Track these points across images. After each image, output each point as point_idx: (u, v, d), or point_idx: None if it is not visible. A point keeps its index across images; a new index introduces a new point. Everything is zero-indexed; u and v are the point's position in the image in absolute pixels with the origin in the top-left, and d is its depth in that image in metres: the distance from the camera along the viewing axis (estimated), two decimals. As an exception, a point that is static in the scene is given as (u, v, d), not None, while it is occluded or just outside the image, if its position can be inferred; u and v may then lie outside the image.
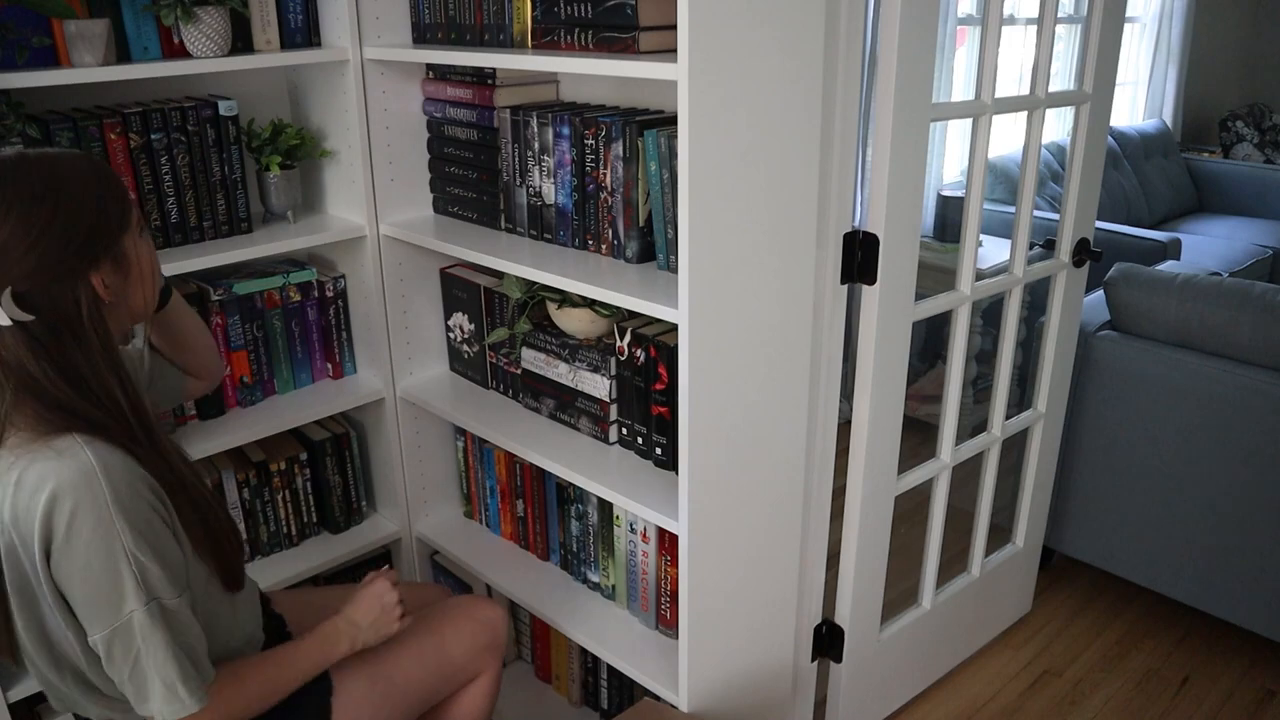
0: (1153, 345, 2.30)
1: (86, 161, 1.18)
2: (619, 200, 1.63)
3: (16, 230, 1.09)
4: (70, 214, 1.12)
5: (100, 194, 1.16)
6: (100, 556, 1.11)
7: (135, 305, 1.23)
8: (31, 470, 1.11)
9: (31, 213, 1.10)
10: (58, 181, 1.13)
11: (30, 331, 1.11)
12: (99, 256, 1.16)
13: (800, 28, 1.47)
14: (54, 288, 1.12)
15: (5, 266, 1.09)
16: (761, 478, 1.68)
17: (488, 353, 2.02)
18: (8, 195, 1.10)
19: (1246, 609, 2.26)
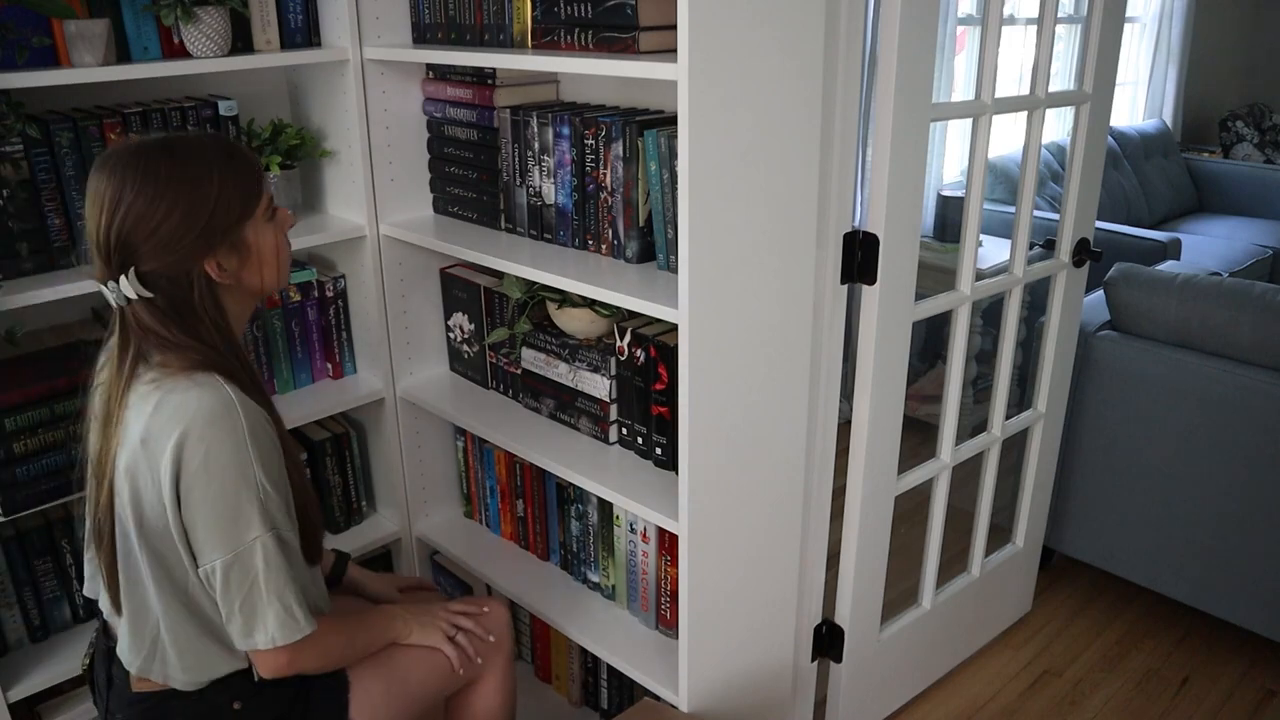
0: (1153, 345, 2.30)
1: (220, 149, 1.25)
2: (619, 200, 1.63)
3: (143, 215, 1.18)
4: (191, 204, 1.20)
5: (224, 184, 1.23)
6: (232, 481, 1.20)
7: (253, 286, 1.31)
8: (173, 396, 1.20)
9: (156, 199, 1.18)
10: (186, 171, 1.20)
11: (154, 304, 1.22)
12: (215, 244, 1.23)
13: (800, 28, 1.47)
14: (172, 269, 1.21)
15: (130, 247, 1.19)
16: (761, 478, 1.68)
17: (488, 353, 2.02)
18: (138, 181, 1.18)
19: (1246, 609, 2.26)
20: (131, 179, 1.18)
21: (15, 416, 1.58)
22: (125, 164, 1.19)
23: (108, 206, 1.18)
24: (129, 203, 1.17)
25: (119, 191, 1.18)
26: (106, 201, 1.18)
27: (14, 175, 1.58)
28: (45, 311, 1.66)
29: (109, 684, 1.36)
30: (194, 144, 1.24)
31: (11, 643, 1.76)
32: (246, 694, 1.33)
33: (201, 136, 1.28)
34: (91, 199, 1.20)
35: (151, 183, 1.18)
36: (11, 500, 1.60)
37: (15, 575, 1.73)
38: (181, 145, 1.23)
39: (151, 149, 1.21)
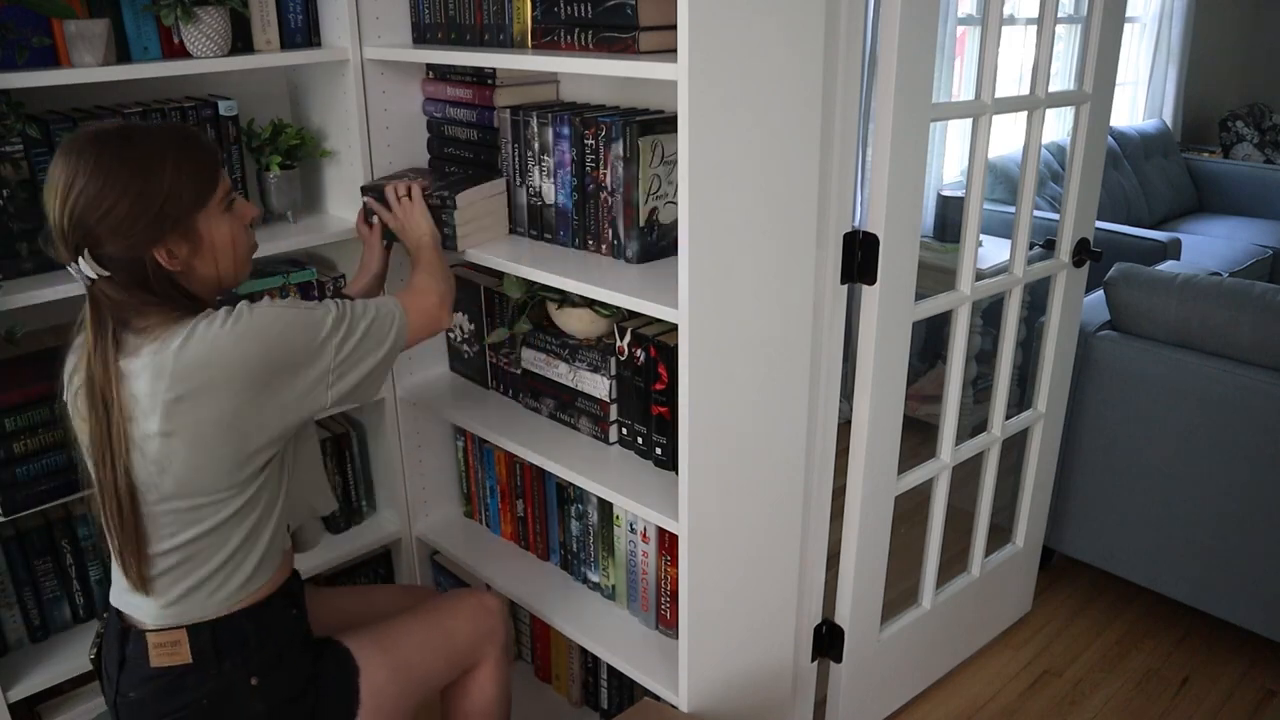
0: (1153, 345, 2.30)
1: (175, 138, 1.27)
2: (619, 200, 1.63)
3: (93, 200, 1.21)
4: (140, 193, 1.22)
5: (177, 172, 1.25)
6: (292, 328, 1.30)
7: (207, 276, 1.33)
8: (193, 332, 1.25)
9: (106, 186, 1.21)
10: (137, 159, 1.23)
11: (114, 282, 1.25)
12: (165, 231, 1.25)
13: (800, 27, 1.47)
14: (125, 254, 1.24)
15: (84, 229, 1.22)
16: (761, 478, 1.68)
17: (488, 353, 2.02)
18: (90, 167, 1.21)
19: (1246, 609, 2.26)
20: (85, 164, 1.21)
21: (15, 416, 1.58)
22: (81, 149, 1.22)
23: (61, 190, 1.21)
24: (81, 187, 1.20)
25: (72, 175, 1.21)
26: (60, 185, 1.21)
27: (14, 175, 1.58)
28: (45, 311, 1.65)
29: (121, 665, 1.37)
30: (151, 132, 1.27)
31: (11, 643, 1.76)
32: (264, 669, 1.36)
33: (160, 125, 1.31)
34: (49, 182, 1.23)
35: (104, 168, 1.21)
36: (11, 500, 1.60)
37: (15, 575, 1.73)
38: (138, 132, 1.26)
39: (108, 135, 1.24)
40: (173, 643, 1.33)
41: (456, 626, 1.62)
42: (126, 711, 1.37)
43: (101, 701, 1.81)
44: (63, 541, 1.77)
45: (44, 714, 1.80)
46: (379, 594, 1.83)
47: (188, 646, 1.33)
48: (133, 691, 1.35)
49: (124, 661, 1.37)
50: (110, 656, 1.40)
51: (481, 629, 1.64)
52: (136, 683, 1.35)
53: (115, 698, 1.38)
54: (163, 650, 1.33)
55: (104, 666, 1.42)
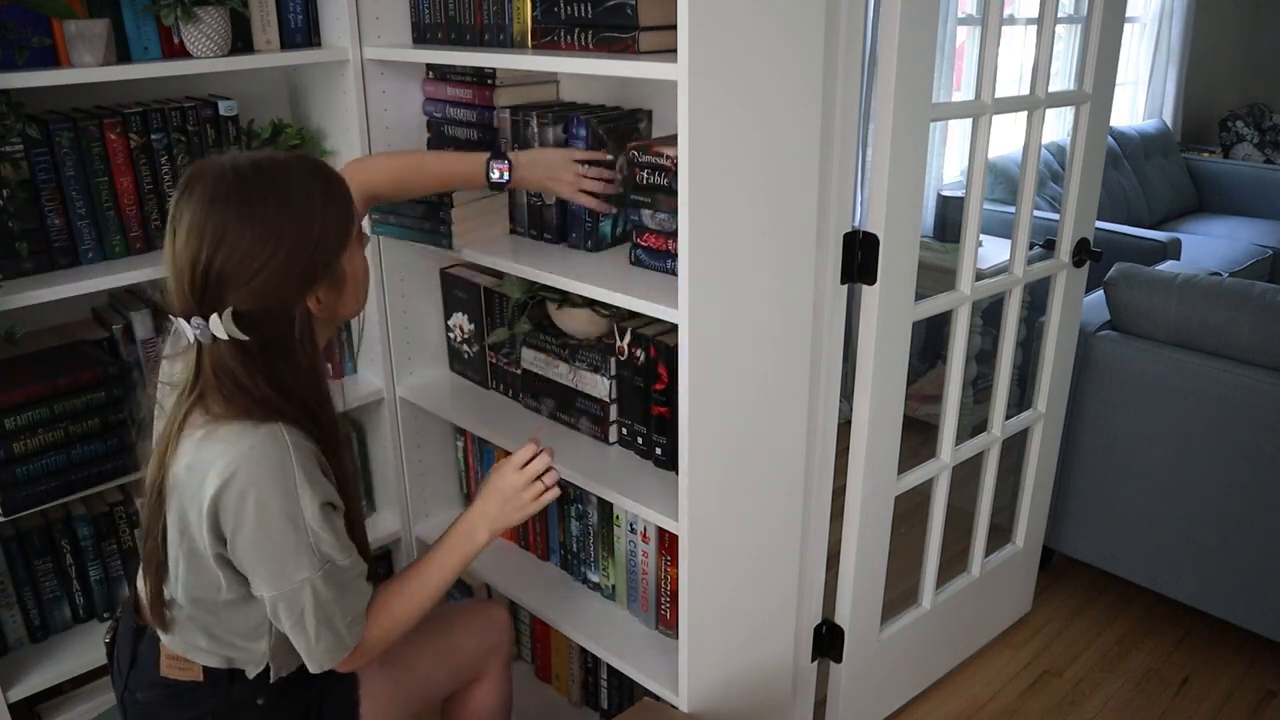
0: (1153, 345, 2.30)
1: (319, 179, 1.19)
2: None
3: (249, 253, 1.11)
4: (296, 241, 1.14)
5: (324, 217, 1.17)
6: (280, 528, 1.17)
7: (347, 312, 1.28)
8: (225, 429, 1.16)
9: (263, 238, 1.12)
10: (290, 205, 1.14)
11: (245, 347, 1.16)
12: (317, 280, 1.18)
13: (800, 27, 1.47)
14: (273, 310, 1.16)
15: (228, 288, 1.12)
16: (761, 478, 1.68)
17: (488, 353, 2.02)
18: (242, 219, 1.11)
19: (1246, 609, 2.26)
20: (236, 212, 1.11)
21: (15, 416, 1.58)
22: (226, 194, 1.11)
23: (209, 242, 1.10)
24: (231, 241, 1.10)
25: (221, 226, 1.10)
26: (208, 236, 1.10)
27: (14, 175, 1.58)
28: (45, 311, 1.66)
29: (132, 662, 1.36)
30: (292, 171, 1.17)
31: (11, 643, 1.76)
32: (272, 693, 1.35)
33: (294, 160, 1.20)
34: (187, 232, 1.11)
35: (257, 219, 1.11)
36: (11, 500, 1.60)
37: (15, 575, 1.73)
38: (280, 173, 1.16)
39: (251, 178, 1.13)
40: (186, 661, 1.32)
41: (462, 638, 1.61)
42: (132, 710, 1.37)
43: (102, 702, 1.81)
44: (63, 541, 1.77)
45: (44, 714, 1.80)
46: None
47: (200, 667, 1.32)
48: (140, 693, 1.35)
49: (135, 660, 1.36)
50: (123, 650, 1.39)
51: (487, 642, 1.63)
52: (145, 685, 1.34)
53: (123, 692, 1.38)
54: (175, 665, 1.32)
55: (116, 657, 1.42)
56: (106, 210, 1.68)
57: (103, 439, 1.67)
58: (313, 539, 1.19)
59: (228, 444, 1.16)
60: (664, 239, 1.57)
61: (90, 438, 1.65)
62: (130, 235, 1.72)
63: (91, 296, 1.76)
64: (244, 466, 1.15)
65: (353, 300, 1.27)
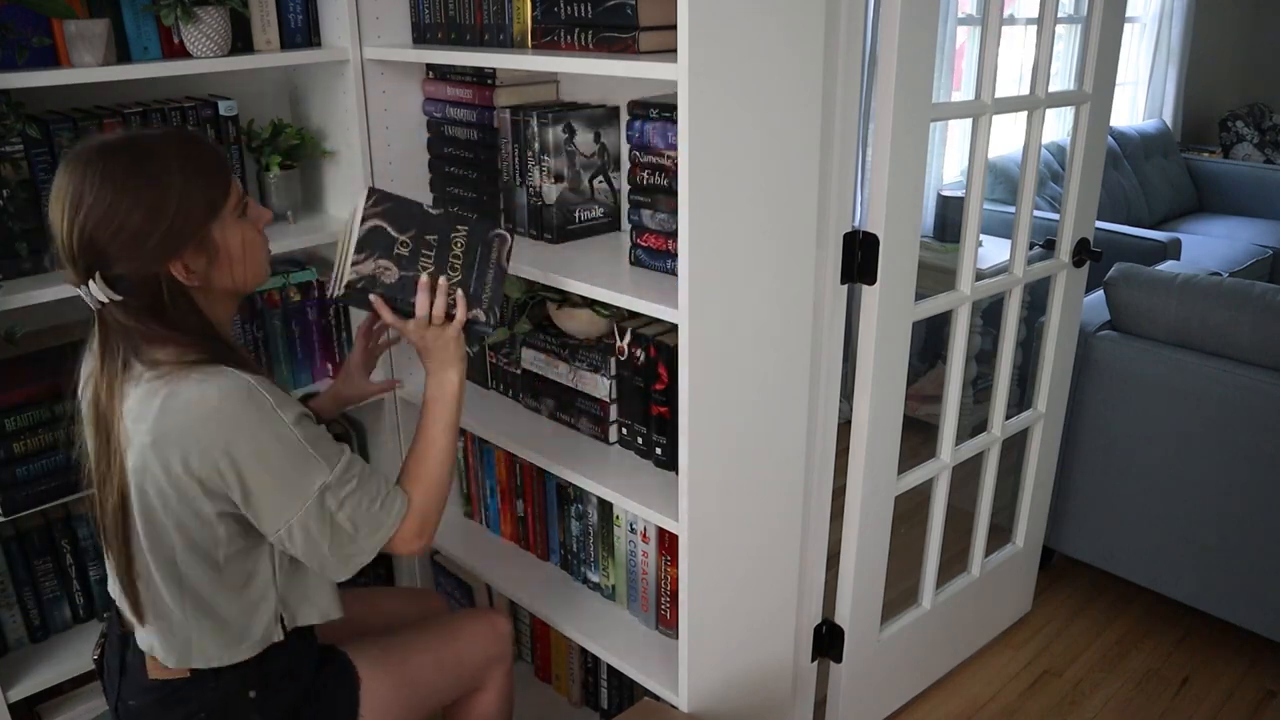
0: (1153, 345, 2.30)
1: (183, 147, 1.22)
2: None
3: (102, 219, 1.15)
4: (151, 208, 1.17)
5: (186, 184, 1.20)
6: (279, 454, 1.21)
7: (225, 286, 1.28)
8: (184, 389, 1.18)
9: (115, 204, 1.15)
10: (145, 173, 1.18)
11: (128, 306, 1.20)
12: (179, 247, 1.20)
13: (800, 27, 1.47)
14: (138, 273, 1.19)
15: (94, 251, 1.16)
16: (761, 478, 1.68)
17: (488, 353, 2.02)
18: (96, 183, 1.15)
19: (1246, 609, 2.26)
20: (91, 180, 1.15)
21: (15, 416, 1.58)
22: (87, 162, 1.16)
23: (68, 209, 1.16)
24: (89, 205, 1.15)
25: (79, 191, 1.15)
26: (67, 204, 1.16)
27: (14, 175, 1.58)
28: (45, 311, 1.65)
29: (121, 671, 1.36)
30: (156, 142, 1.21)
31: (11, 643, 1.76)
32: (262, 683, 1.35)
33: (165, 133, 1.24)
34: (54, 199, 1.17)
35: (110, 184, 1.15)
36: (11, 500, 1.60)
37: (15, 575, 1.73)
38: (143, 144, 1.20)
39: (112, 148, 1.18)
40: None
41: (466, 647, 1.60)
42: (126, 718, 1.37)
43: (102, 702, 1.81)
44: (63, 541, 1.77)
45: (44, 714, 1.80)
46: (381, 597, 1.82)
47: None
48: (132, 700, 1.35)
49: (124, 668, 1.36)
50: (111, 661, 1.40)
51: (491, 652, 1.63)
52: (136, 691, 1.34)
53: (116, 703, 1.38)
54: (159, 662, 1.32)
55: (105, 669, 1.42)
56: (106, 210, 1.68)
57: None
58: (309, 448, 1.23)
59: (190, 405, 1.18)
60: (664, 239, 1.57)
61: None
62: (130, 235, 1.72)
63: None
64: (214, 416, 1.18)
65: (229, 273, 1.27)
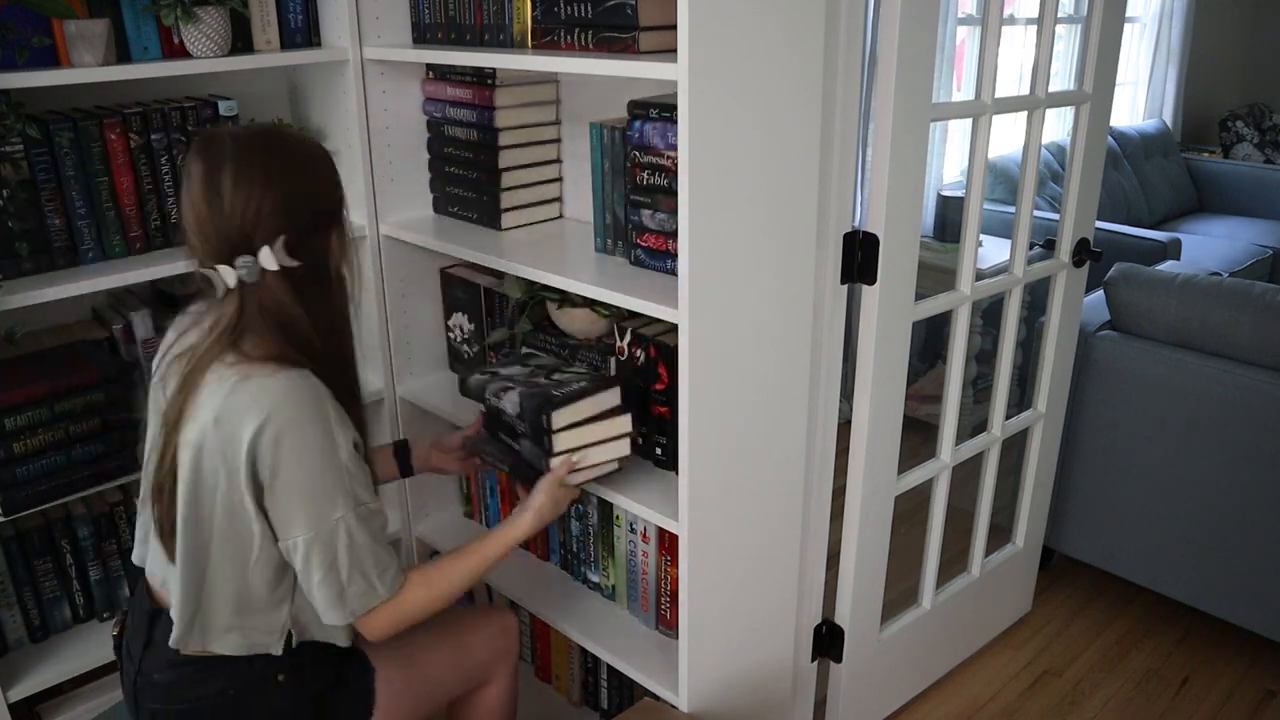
0: (1153, 345, 2.30)
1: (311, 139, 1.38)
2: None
3: (293, 189, 1.25)
4: (321, 180, 1.31)
5: (330, 163, 1.33)
6: (319, 464, 1.24)
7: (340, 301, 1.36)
8: (257, 378, 1.23)
9: (296, 176, 1.26)
10: (311, 153, 1.31)
11: (293, 276, 1.26)
12: (337, 215, 1.33)
13: (800, 27, 1.47)
14: (312, 237, 1.28)
15: (276, 219, 1.24)
16: (761, 478, 1.68)
17: (488, 353, 2.02)
18: (284, 162, 1.25)
19: (1246, 609, 2.26)
20: (276, 159, 1.24)
21: (15, 416, 1.58)
22: (259, 146, 1.25)
23: (258, 185, 1.22)
24: (279, 179, 1.23)
25: (267, 170, 1.23)
26: (258, 180, 1.22)
27: (14, 175, 1.58)
28: (45, 311, 1.66)
29: (147, 645, 1.36)
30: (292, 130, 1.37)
31: (11, 643, 1.76)
32: (291, 669, 1.36)
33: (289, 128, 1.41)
34: (235, 180, 1.22)
35: (287, 157, 1.26)
36: (11, 500, 1.60)
37: (15, 575, 1.73)
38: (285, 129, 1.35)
39: (266, 131, 1.30)
40: None
41: (474, 642, 1.62)
42: (148, 692, 1.36)
43: (102, 702, 1.81)
44: (63, 541, 1.77)
45: (44, 714, 1.80)
46: None
47: None
48: (157, 674, 1.35)
49: (150, 642, 1.36)
50: (135, 636, 1.39)
51: (498, 648, 1.65)
52: (163, 665, 1.35)
53: (136, 677, 1.37)
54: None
55: (126, 645, 1.42)
56: (106, 210, 1.68)
57: (103, 439, 1.67)
58: (347, 478, 1.26)
59: (261, 388, 1.22)
60: (664, 239, 1.57)
61: (90, 438, 1.65)
62: (130, 235, 1.72)
63: (91, 296, 1.76)
64: (281, 405, 1.22)
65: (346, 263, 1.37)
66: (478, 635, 1.63)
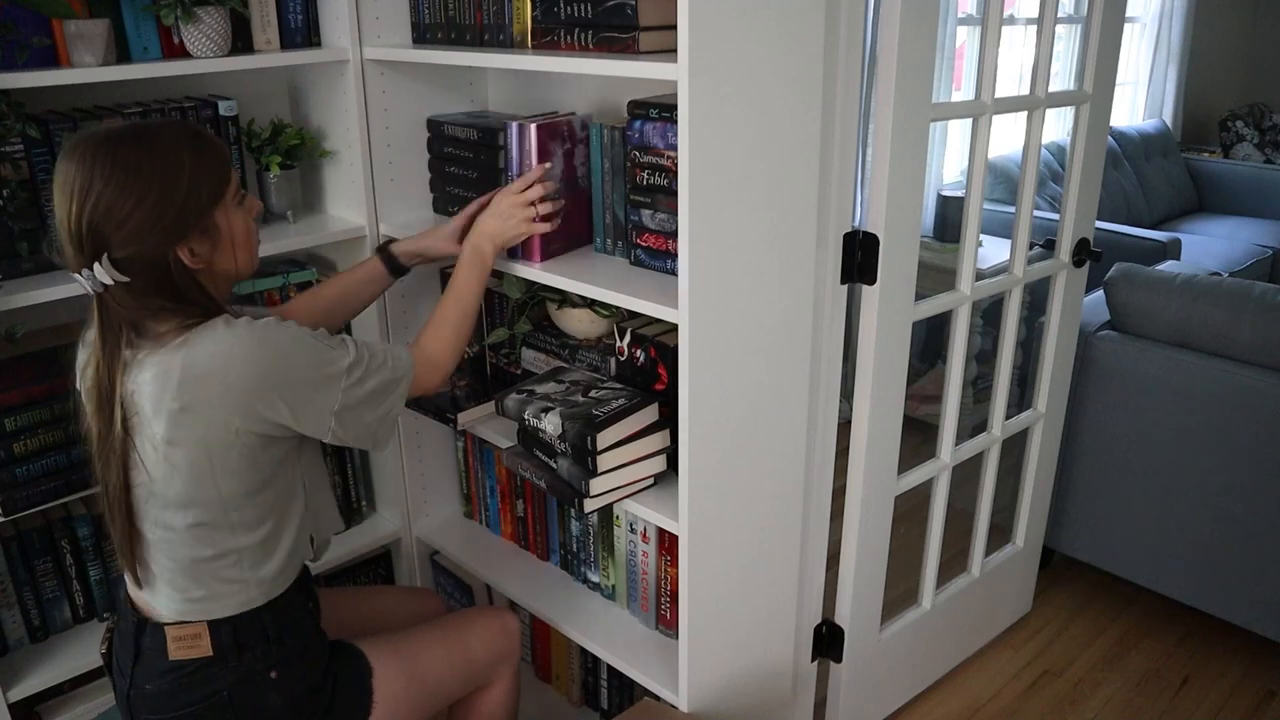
0: (1153, 345, 2.30)
1: (187, 136, 1.26)
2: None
3: (113, 204, 1.18)
4: (162, 192, 1.21)
5: (193, 171, 1.24)
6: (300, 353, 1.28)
7: (226, 269, 1.33)
8: (199, 350, 1.23)
9: (126, 189, 1.19)
10: (155, 159, 1.22)
11: (133, 289, 1.23)
12: (187, 231, 1.24)
13: (800, 28, 1.47)
14: (146, 256, 1.22)
15: (102, 235, 1.19)
16: (761, 478, 1.68)
17: (488, 353, 2.02)
18: (107, 169, 1.19)
19: (1246, 609, 2.26)
20: (101, 167, 1.18)
21: (15, 416, 1.58)
22: (94, 152, 1.19)
23: (77, 195, 1.18)
24: (99, 191, 1.18)
25: (88, 180, 1.18)
26: (76, 190, 1.18)
27: (14, 175, 1.58)
28: (45, 311, 1.65)
29: (136, 658, 1.36)
30: (162, 131, 1.25)
31: (11, 643, 1.76)
32: (283, 663, 1.37)
33: (168, 123, 1.29)
34: (60, 187, 1.20)
35: (121, 171, 1.19)
36: (11, 500, 1.60)
37: (15, 575, 1.73)
38: (149, 132, 1.24)
39: (119, 136, 1.21)
40: (193, 635, 1.33)
41: (476, 644, 1.62)
42: (142, 704, 1.36)
43: (102, 702, 1.81)
44: (63, 541, 1.77)
45: (44, 714, 1.80)
46: (380, 595, 1.83)
47: (209, 640, 1.33)
48: (149, 684, 1.35)
49: (139, 654, 1.36)
50: (124, 650, 1.39)
51: (500, 649, 1.64)
52: (154, 675, 1.35)
53: (129, 691, 1.37)
54: (182, 644, 1.33)
55: (116, 660, 1.42)
56: (106, 210, 1.68)
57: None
58: (323, 342, 1.31)
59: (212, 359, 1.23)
60: (664, 239, 1.57)
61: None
62: (130, 235, 1.72)
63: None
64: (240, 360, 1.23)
65: (232, 258, 1.32)
66: (479, 637, 1.63)
